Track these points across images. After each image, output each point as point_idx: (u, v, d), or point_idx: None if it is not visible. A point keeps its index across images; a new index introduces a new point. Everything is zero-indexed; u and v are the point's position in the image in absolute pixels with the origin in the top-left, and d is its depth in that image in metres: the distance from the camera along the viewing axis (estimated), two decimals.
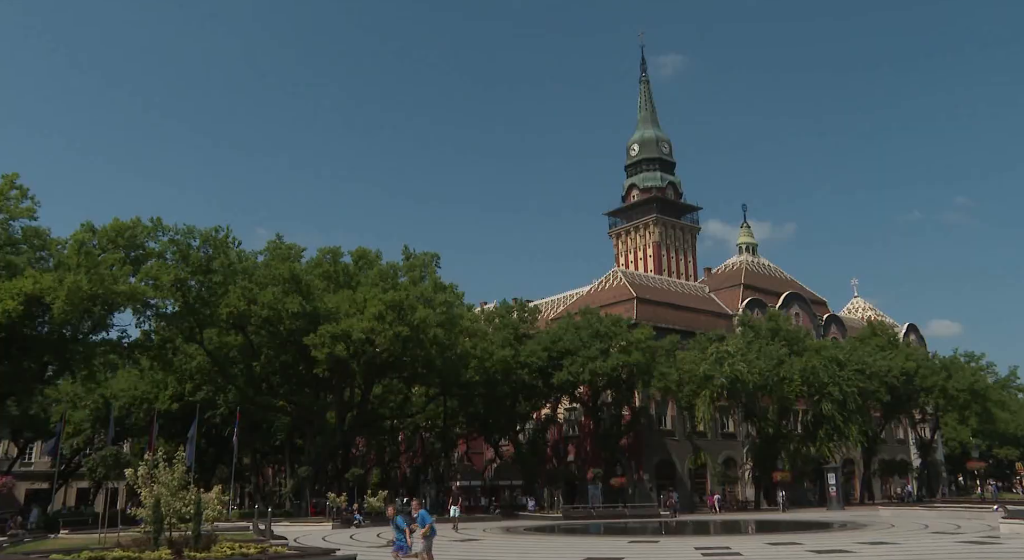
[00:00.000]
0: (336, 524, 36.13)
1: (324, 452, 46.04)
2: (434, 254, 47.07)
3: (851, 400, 51.71)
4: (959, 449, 78.93)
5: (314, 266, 44.94)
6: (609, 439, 54.75)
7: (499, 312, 56.96)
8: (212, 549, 14.55)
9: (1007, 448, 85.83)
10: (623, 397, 54.14)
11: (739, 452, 60.43)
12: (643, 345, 50.07)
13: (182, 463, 15.40)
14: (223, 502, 16.64)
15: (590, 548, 22.85)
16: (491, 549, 23.63)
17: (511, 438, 57.06)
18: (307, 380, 46.53)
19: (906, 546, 20.99)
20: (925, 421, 69.39)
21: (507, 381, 50.62)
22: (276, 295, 40.90)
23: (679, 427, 58.38)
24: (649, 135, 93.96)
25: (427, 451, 62.31)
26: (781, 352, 52.01)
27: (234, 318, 41.85)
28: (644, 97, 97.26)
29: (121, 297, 34.51)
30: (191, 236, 39.82)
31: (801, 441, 55.33)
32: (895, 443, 73.66)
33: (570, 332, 51.75)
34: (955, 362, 61.26)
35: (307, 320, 41.24)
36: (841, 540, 23.13)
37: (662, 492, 54.66)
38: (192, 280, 39.52)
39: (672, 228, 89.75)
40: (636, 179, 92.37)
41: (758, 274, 76.13)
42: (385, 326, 39.38)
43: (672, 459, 57.97)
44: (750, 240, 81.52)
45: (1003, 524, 25.78)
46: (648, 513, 46.14)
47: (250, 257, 44.28)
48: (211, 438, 53.30)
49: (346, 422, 47.03)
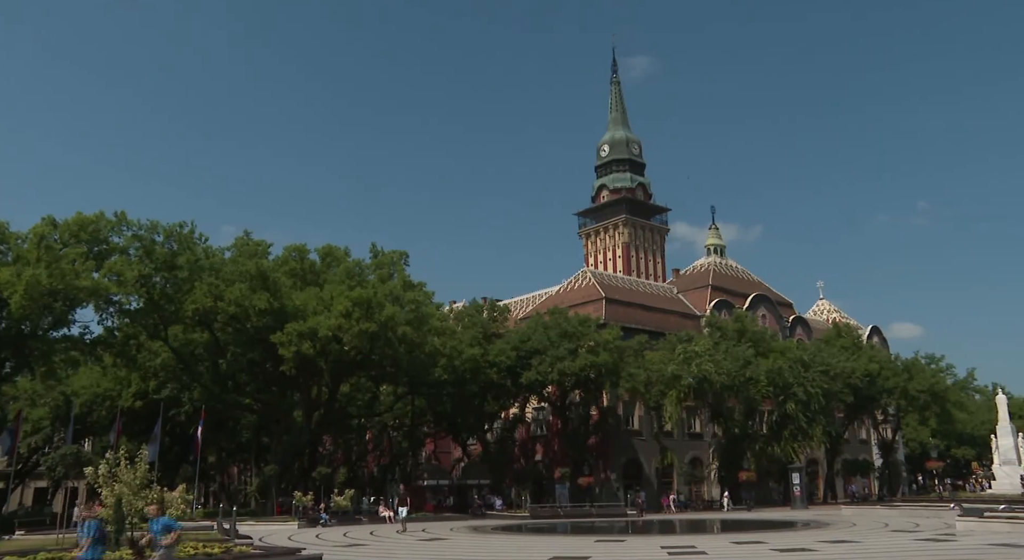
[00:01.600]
0: (302, 523, 35.86)
1: (291, 451, 45.61)
2: (403, 252, 46.81)
3: (815, 401, 52.44)
4: (919, 449, 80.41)
5: (281, 263, 44.43)
6: (577, 439, 54.94)
7: (468, 311, 56.93)
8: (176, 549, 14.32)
9: (964, 448, 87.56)
10: (591, 397, 54.37)
11: (705, 452, 60.94)
12: (611, 345, 50.32)
13: (145, 462, 15.16)
14: (187, 501, 16.40)
15: (557, 547, 22.90)
16: (458, 548, 23.57)
17: (479, 437, 57.02)
18: (274, 378, 46.00)
19: (866, 544, 21.33)
20: (887, 422, 70.54)
21: (475, 380, 50.56)
22: (243, 292, 40.39)
23: (646, 427, 58.74)
24: (619, 136, 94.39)
25: (394, 450, 62.01)
26: (748, 353, 52.57)
27: (200, 315, 41.24)
28: (615, 98, 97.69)
29: (83, 292, 33.89)
30: (156, 231, 39.22)
31: (766, 441, 55.95)
32: (858, 443, 74.78)
33: (539, 332, 51.86)
34: (916, 364, 62.37)
35: (274, 317, 40.80)
36: (804, 539, 23.42)
37: (629, 492, 55.01)
38: (157, 276, 38.91)
39: (641, 229, 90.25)
40: (606, 180, 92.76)
41: (726, 276, 76.87)
42: (352, 324, 39.09)
43: (639, 459, 58.30)
44: (718, 242, 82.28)
45: (959, 522, 26.34)
46: (615, 512, 46.36)
47: (217, 253, 43.68)
48: (175, 436, 52.54)
49: (313, 421, 46.62)
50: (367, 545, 24.86)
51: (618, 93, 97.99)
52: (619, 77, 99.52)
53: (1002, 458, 49.13)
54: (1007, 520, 25.45)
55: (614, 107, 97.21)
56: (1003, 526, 24.68)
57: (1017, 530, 23.83)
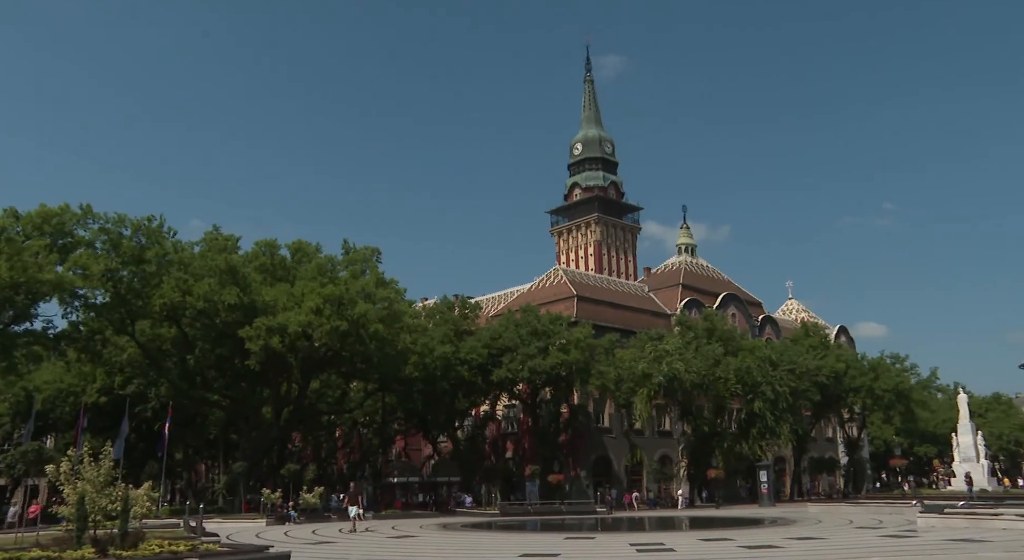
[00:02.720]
0: (270, 521, 35.56)
1: (259, 448, 45.21)
2: (375, 249, 46.51)
3: (783, 399, 53.04)
4: (883, 447, 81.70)
5: (251, 259, 43.97)
6: (547, 436, 55.08)
7: (440, 308, 56.78)
8: (139, 547, 14.12)
9: (926, 446, 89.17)
10: (562, 394, 54.53)
11: (675, 450, 61.37)
12: (582, 343, 50.47)
13: (109, 459, 14.93)
14: (153, 499, 16.15)
15: (527, 544, 22.95)
16: (427, 546, 23.53)
17: (450, 434, 56.95)
18: (243, 374, 45.53)
19: (832, 541, 21.63)
20: (853, 420, 71.58)
21: (447, 377, 50.46)
22: (212, 287, 39.94)
23: (616, 425, 59.05)
24: (592, 135, 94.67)
25: (364, 447, 61.73)
26: (717, 352, 53.01)
27: (168, 310, 40.73)
28: (588, 97, 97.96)
29: (46, 286, 33.32)
30: (123, 225, 38.63)
31: (735, 439, 56.45)
32: (824, 441, 75.79)
33: (510, 329, 51.89)
34: (881, 363, 63.33)
35: (244, 313, 40.39)
36: (771, 536, 23.69)
37: (599, 489, 55.25)
38: (124, 270, 38.34)
39: (613, 227, 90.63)
40: (579, 178, 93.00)
41: (696, 275, 77.46)
42: (323, 320, 38.83)
43: (609, 456, 58.59)
44: (689, 241, 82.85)
45: (920, 518, 26.84)
46: (585, 510, 46.54)
47: (186, 248, 43.14)
48: (141, 433, 51.81)
49: (282, 417, 46.26)
50: (336, 543, 24.72)
51: (592, 92, 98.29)
52: (592, 76, 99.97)
53: (962, 455, 50.27)
54: (965, 516, 26.03)
55: (587, 106, 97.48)
56: (962, 522, 25.23)
57: (975, 525, 24.37)
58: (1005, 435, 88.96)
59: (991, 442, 68.44)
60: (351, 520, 31.03)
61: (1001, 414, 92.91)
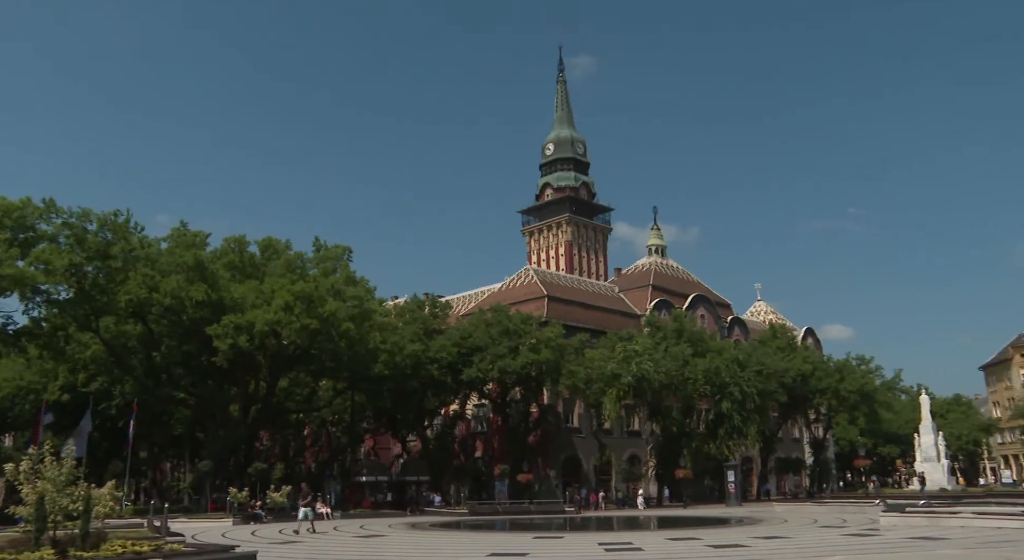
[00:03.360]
0: (237, 520, 35.17)
1: (226, 446, 44.68)
2: (346, 247, 46.16)
3: (750, 400, 53.56)
4: (848, 447, 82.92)
5: (220, 255, 43.45)
6: (517, 436, 55.13)
7: (410, 307, 56.59)
8: (101, 548, 13.85)
9: (890, 446, 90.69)
10: (531, 394, 54.61)
11: (643, 450, 61.75)
12: (553, 343, 50.59)
13: (71, 457, 14.65)
14: (116, 498, 15.88)
15: (495, 544, 22.94)
16: (396, 545, 23.43)
17: (419, 434, 56.80)
18: (210, 372, 44.94)
19: (797, 540, 21.90)
20: (819, 421, 72.52)
21: (416, 376, 50.28)
22: (179, 283, 39.38)
23: (586, 425, 59.26)
24: (564, 135, 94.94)
25: (333, 446, 61.36)
26: (686, 352, 53.39)
27: (134, 306, 40.06)
28: (561, 97, 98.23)
29: (6, 281, 32.69)
30: (88, 219, 37.95)
31: (703, 439, 56.90)
32: (790, 442, 76.72)
33: (480, 329, 51.86)
34: (847, 365, 64.24)
35: (211, 310, 39.90)
36: (738, 535, 23.92)
37: (568, 489, 55.41)
38: (88, 266, 37.67)
39: (584, 228, 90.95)
40: (550, 178, 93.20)
41: (666, 276, 78.00)
42: (292, 318, 38.50)
43: (578, 456, 58.80)
44: (660, 242, 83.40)
45: (883, 517, 27.27)
46: (554, 509, 46.63)
47: (153, 243, 42.54)
48: (105, 431, 51.04)
49: (250, 415, 45.80)
50: (303, 542, 24.52)
51: (564, 92, 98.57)
52: (565, 76, 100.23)
53: (923, 455, 51.18)
54: (926, 515, 26.50)
55: (560, 106, 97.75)
56: (922, 520, 25.69)
57: (934, 524, 24.84)
58: (964, 435, 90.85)
59: (951, 442, 69.76)
60: (300, 522, 29.29)
61: (961, 415, 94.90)
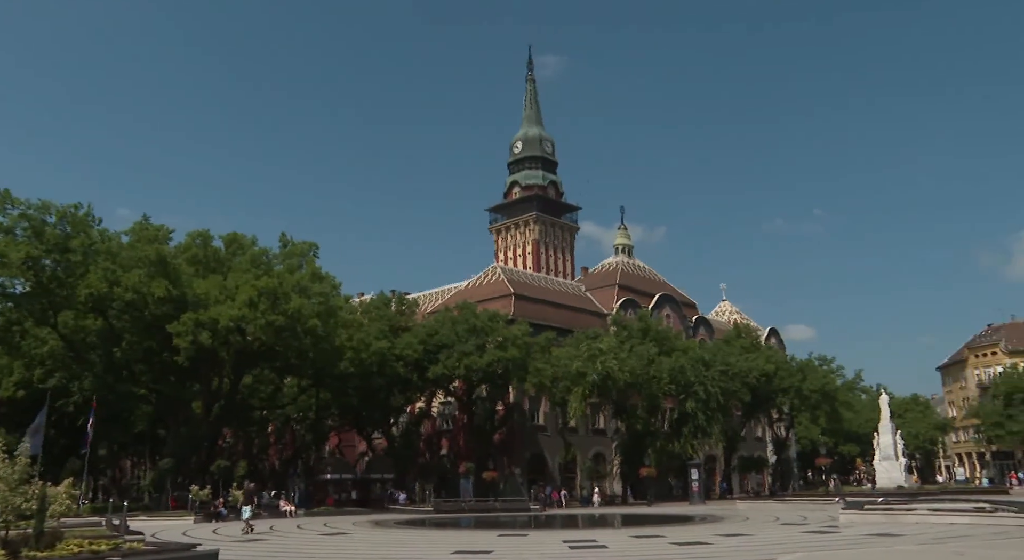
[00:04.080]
0: (198, 518, 34.72)
1: (188, 443, 44.03)
2: (312, 243, 45.76)
3: (714, 399, 54.14)
4: (810, 446, 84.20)
5: (183, 250, 42.81)
6: (482, 434, 55.12)
7: (376, 304, 56.27)
8: (56, 547, 13.55)
9: (850, 445, 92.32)
10: (497, 392, 54.61)
11: (608, 448, 62.07)
12: (519, 341, 50.61)
13: (25, 455, 14.32)
14: (72, 497, 15.55)
15: (460, 542, 22.92)
16: (359, 543, 23.30)
17: (384, 431, 56.52)
18: (173, 368, 44.14)
19: (758, 537, 22.16)
20: (781, 420, 73.49)
21: (382, 374, 49.98)
22: (141, 278, 38.69)
23: (551, 423, 59.43)
24: (533, 133, 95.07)
25: (297, 443, 60.85)
26: (652, 351, 53.77)
27: (93, 301, 39.25)
28: (530, 96, 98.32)
29: None
30: (46, 212, 37.21)
31: (667, 438, 57.37)
32: (753, 440, 77.62)
33: (447, 326, 51.74)
34: (809, 365, 65.20)
35: (174, 305, 39.30)
36: (701, 532, 24.15)
37: (532, 486, 55.54)
38: (47, 259, 36.96)
39: (552, 226, 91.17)
40: (518, 176, 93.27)
41: (633, 275, 78.47)
42: (257, 315, 38.06)
43: (544, 454, 58.95)
44: (626, 241, 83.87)
45: (842, 515, 27.74)
46: (519, 507, 46.69)
47: (113, 237, 41.77)
48: (63, 428, 49.95)
49: (213, 412, 45.17)
50: (266, 540, 24.27)
51: (533, 91, 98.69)
52: (534, 75, 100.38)
53: (882, 454, 52.13)
54: (883, 512, 27.03)
55: (529, 105, 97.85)
56: (880, 517, 26.19)
57: (892, 521, 25.34)
58: (921, 434, 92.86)
59: (909, 441, 71.27)
60: (244, 521, 28.05)
61: (919, 414, 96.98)
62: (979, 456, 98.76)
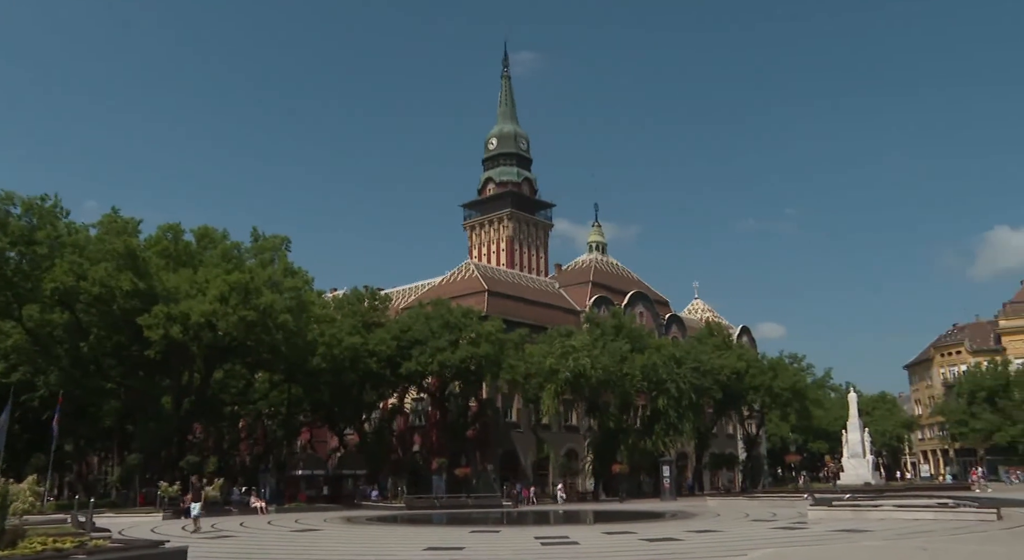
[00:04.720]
0: (167, 515, 34.30)
1: (157, 439, 43.44)
2: (284, 237, 45.41)
3: (686, 396, 54.54)
4: (780, 443, 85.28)
5: (153, 243, 42.24)
6: (455, 430, 55.08)
7: (349, 299, 55.95)
8: (18, 545, 13.30)
9: (819, 442, 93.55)
10: (471, 388, 54.58)
11: (581, 445, 62.29)
12: (493, 338, 50.58)
13: None
14: (37, 493, 15.29)
15: (432, 538, 22.86)
16: (331, 540, 23.18)
17: (357, 427, 56.24)
18: (142, 362, 43.58)
19: (728, 533, 22.38)
20: (752, 417, 74.28)
21: (355, 369, 49.72)
22: (109, 271, 38.12)
23: (524, 419, 59.53)
24: (508, 130, 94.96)
25: (269, 439, 60.36)
26: (624, 349, 54.02)
27: (60, 294, 38.61)
28: (505, 92, 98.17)
29: None
30: (11, 203, 36.57)
31: (639, 435, 57.70)
32: (725, 438, 78.35)
33: (420, 322, 51.59)
34: (780, 363, 65.97)
35: (143, 299, 38.77)
36: (672, 529, 24.31)
37: (505, 483, 55.60)
38: (12, 251, 36.33)
39: (526, 223, 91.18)
40: (493, 173, 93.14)
41: (606, 273, 78.77)
42: (228, 309, 37.67)
43: (516, 451, 59.03)
44: (600, 239, 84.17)
45: (811, 511, 28.11)
46: (491, 504, 46.72)
47: (81, 230, 41.10)
48: (27, 423, 49.13)
49: (183, 407, 44.65)
50: (237, 537, 24.06)
51: (508, 87, 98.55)
52: (510, 71, 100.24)
53: (850, 451, 52.93)
54: (851, 508, 27.44)
55: (504, 101, 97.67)
56: (848, 513, 26.58)
57: (858, 517, 25.73)
58: (888, 432, 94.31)
59: (876, 438, 72.27)
60: (193, 519, 27.15)
61: (886, 412, 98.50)
62: (943, 453, 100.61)
